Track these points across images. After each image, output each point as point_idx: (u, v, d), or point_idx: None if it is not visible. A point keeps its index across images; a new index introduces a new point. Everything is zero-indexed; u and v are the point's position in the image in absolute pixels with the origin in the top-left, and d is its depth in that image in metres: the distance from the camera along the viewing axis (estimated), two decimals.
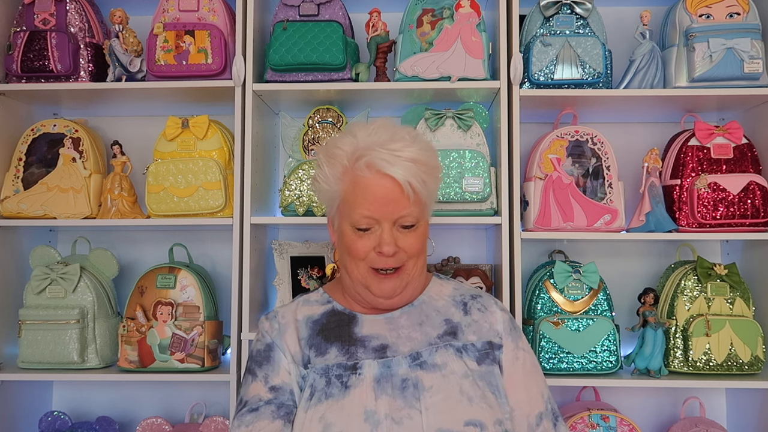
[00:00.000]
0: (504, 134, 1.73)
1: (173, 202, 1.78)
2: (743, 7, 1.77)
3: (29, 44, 1.80)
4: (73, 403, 2.03)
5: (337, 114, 1.84)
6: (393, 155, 1.06)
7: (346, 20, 1.82)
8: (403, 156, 1.06)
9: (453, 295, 1.21)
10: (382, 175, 1.06)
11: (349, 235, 1.10)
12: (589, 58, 1.75)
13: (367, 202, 1.06)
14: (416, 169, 1.06)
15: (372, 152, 1.06)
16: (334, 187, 1.11)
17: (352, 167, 1.08)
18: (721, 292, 1.75)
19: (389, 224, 1.07)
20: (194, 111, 1.90)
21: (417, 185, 1.06)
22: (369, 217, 1.07)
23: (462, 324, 1.16)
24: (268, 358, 1.13)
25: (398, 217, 1.07)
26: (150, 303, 1.78)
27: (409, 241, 1.09)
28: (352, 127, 1.14)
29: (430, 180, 1.10)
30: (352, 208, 1.08)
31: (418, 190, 1.07)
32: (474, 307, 1.19)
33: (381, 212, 1.06)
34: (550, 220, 1.73)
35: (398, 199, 1.06)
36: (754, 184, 1.72)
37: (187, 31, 1.78)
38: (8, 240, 1.88)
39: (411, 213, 1.08)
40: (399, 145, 1.07)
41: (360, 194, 1.07)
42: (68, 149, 1.86)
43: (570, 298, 1.76)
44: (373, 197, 1.06)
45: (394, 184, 1.06)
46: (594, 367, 1.71)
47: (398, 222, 1.08)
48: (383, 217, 1.07)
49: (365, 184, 1.07)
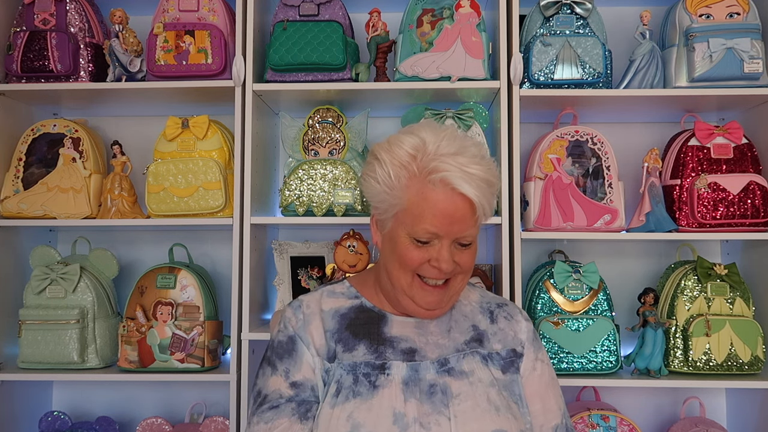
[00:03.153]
0: (504, 134, 1.73)
1: (173, 202, 1.78)
2: (743, 7, 1.77)
3: (29, 44, 1.80)
4: (73, 403, 2.03)
5: (337, 114, 1.84)
6: (466, 173, 1.02)
7: (346, 20, 1.82)
8: (476, 174, 1.03)
9: (480, 302, 1.21)
10: (456, 193, 1.03)
11: (404, 243, 1.07)
12: (589, 58, 1.75)
13: (434, 218, 1.03)
14: (486, 189, 1.04)
15: (445, 165, 1.03)
16: (397, 192, 1.06)
17: (422, 177, 1.04)
18: (721, 292, 1.75)
19: (449, 241, 1.06)
20: (194, 111, 1.90)
21: (487, 206, 1.05)
22: (433, 233, 1.04)
23: (488, 332, 1.16)
24: (290, 352, 1.11)
25: (461, 236, 1.06)
26: (150, 303, 1.78)
27: (464, 258, 1.08)
28: (417, 130, 1.10)
29: (493, 200, 1.08)
30: (417, 221, 1.05)
31: (487, 212, 1.06)
32: (500, 316, 1.19)
33: (446, 230, 1.04)
34: (550, 220, 1.73)
35: (466, 218, 1.04)
36: (754, 184, 1.72)
37: (187, 31, 1.78)
38: (8, 240, 1.88)
39: (473, 233, 1.07)
40: (468, 161, 1.04)
41: (428, 208, 1.04)
42: (68, 149, 1.86)
43: (570, 298, 1.76)
44: (442, 214, 1.03)
45: (465, 203, 1.03)
46: (594, 367, 1.71)
47: (458, 240, 1.07)
48: (446, 235, 1.05)
49: (435, 198, 1.03)
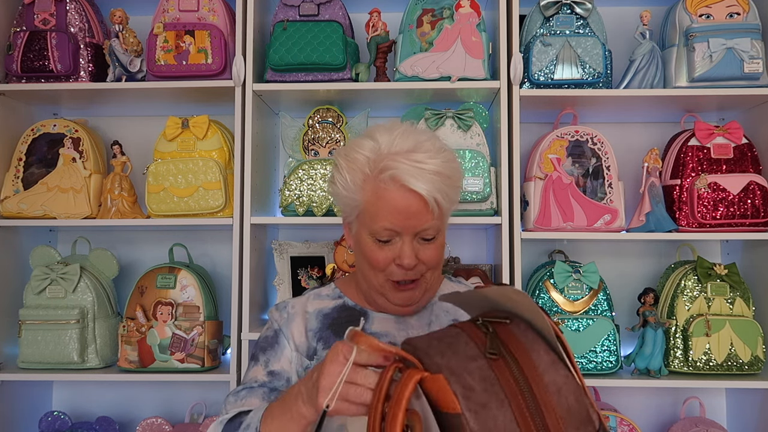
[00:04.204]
0: (504, 134, 1.73)
1: (173, 202, 1.78)
2: (743, 7, 1.77)
3: (29, 44, 1.80)
4: (73, 403, 2.03)
5: (337, 114, 1.84)
6: (417, 168, 1.02)
7: (346, 20, 1.82)
8: (428, 169, 1.03)
9: None
10: (406, 188, 1.02)
11: (368, 244, 1.08)
12: (589, 58, 1.75)
13: (390, 215, 1.04)
14: (441, 183, 1.04)
15: (395, 163, 1.03)
16: (354, 195, 1.08)
17: (374, 177, 1.05)
18: (721, 292, 1.75)
19: (410, 237, 1.06)
20: (194, 111, 1.91)
21: (441, 199, 1.04)
22: (390, 229, 1.05)
23: None
24: (273, 345, 1.15)
25: (420, 230, 1.05)
26: (150, 303, 1.78)
27: (429, 253, 1.08)
28: (374, 132, 1.10)
29: (452, 192, 1.08)
30: (374, 220, 1.06)
31: (442, 205, 1.05)
32: None
33: (403, 225, 1.04)
34: (550, 220, 1.73)
35: (421, 213, 1.04)
36: (754, 184, 1.72)
37: (187, 31, 1.78)
38: (8, 240, 1.88)
39: (433, 226, 1.06)
40: (423, 156, 1.04)
41: (383, 206, 1.04)
42: (68, 149, 1.86)
43: (570, 298, 1.76)
44: (396, 211, 1.03)
45: (419, 198, 1.03)
46: (594, 367, 1.71)
47: (419, 235, 1.06)
48: (405, 231, 1.04)
49: (389, 196, 1.03)
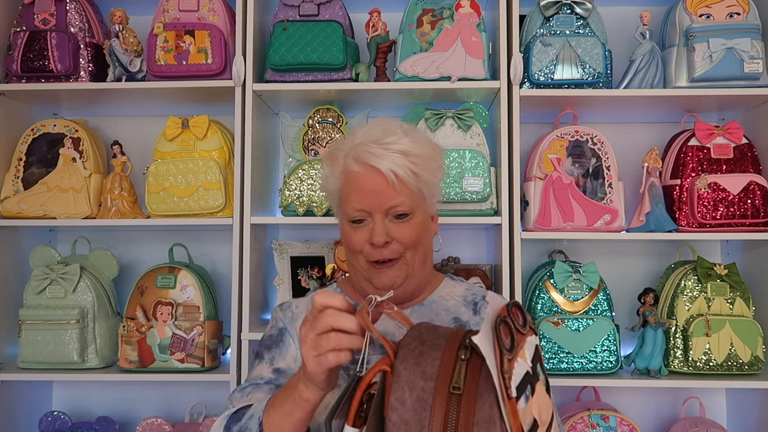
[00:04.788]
0: (504, 134, 1.73)
1: (173, 202, 1.78)
2: (743, 7, 1.77)
3: (29, 44, 1.80)
4: (73, 403, 2.03)
5: (337, 114, 1.84)
6: (382, 148, 1.08)
7: (346, 20, 1.82)
8: (392, 149, 1.08)
9: (465, 296, 1.21)
10: (369, 167, 1.08)
11: (345, 229, 1.13)
12: (589, 58, 1.75)
13: (357, 194, 1.09)
14: (404, 160, 1.08)
15: (363, 147, 1.09)
16: (333, 186, 1.14)
17: (344, 165, 1.11)
18: (721, 292, 1.75)
19: (380, 215, 1.08)
20: (194, 111, 1.91)
21: (402, 174, 1.07)
22: (360, 209, 1.09)
23: (471, 323, 1.16)
24: (278, 342, 1.16)
25: (388, 207, 1.08)
26: (150, 303, 1.78)
27: (401, 232, 1.09)
28: (353, 128, 1.17)
29: (422, 171, 1.11)
30: (345, 202, 1.11)
31: (405, 180, 1.08)
32: (484, 307, 1.19)
33: (371, 204, 1.08)
34: (550, 220, 1.73)
35: (385, 190, 1.08)
36: (754, 184, 1.72)
37: (187, 31, 1.78)
38: (8, 240, 1.88)
39: (402, 203, 1.08)
40: (390, 140, 1.09)
41: (351, 188, 1.09)
42: (68, 149, 1.86)
43: (570, 298, 1.76)
44: (362, 189, 1.08)
45: (380, 174, 1.08)
46: (594, 367, 1.71)
47: (390, 212, 1.09)
48: (373, 209, 1.08)
49: (355, 178, 1.09)
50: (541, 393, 0.76)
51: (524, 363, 0.74)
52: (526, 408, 0.71)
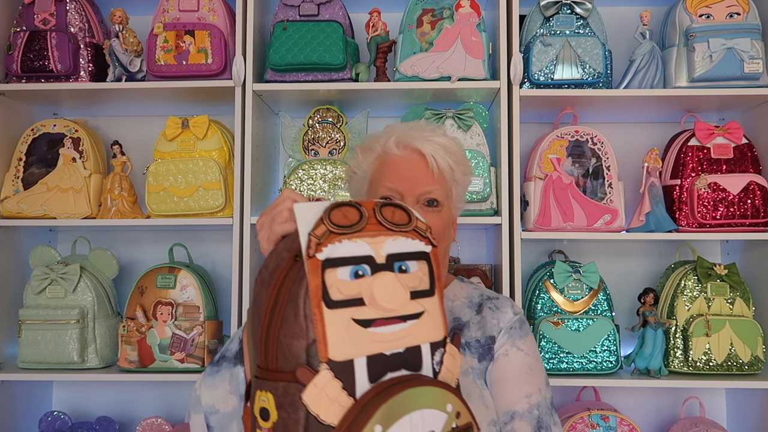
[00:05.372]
0: (504, 134, 1.73)
1: (173, 202, 1.78)
2: (743, 7, 1.77)
3: (29, 44, 1.80)
4: (73, 403, 2.03)
5: (337, 114, 1.84)
6: (422, 136, 1.11)
7: (346, 20, 1.82)
8: (434, 140, 1.11)
9: (471, 297, 1.19)
10: (410, 150, 1.10)
11: None
12: (589, 58, 1.75)
13: (392, 174, 1.10)
14: (444, 153, 1.10)
15: (406, 132, 1.12)
16: (364, 172, 1.15)
17: (383, 150, 1.13)
18: (721, 292, 1.75)
19: (412, 199, 1.09)
20: (194, 111, 1.90)
21: (442, 163, 1.10)
22: (393, 188, 1.09)
23: (471, 322, 1.15)
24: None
25: (422, 192, 1.09)
26: (150, 303, 1.78)
27: (431, 219, 1.07)
28: (389, 126, 1.19)
29: (457, 168, 1.13)
30: (377, 183, 1.11)
31: (443, 169, 1.10)
32: (486, 307, 1.17)
33: (405, 186, 1.08)
34: (550, 220, 1.73)
35: (423, 174, 1.09)
36: (754, 184, 1.72)
37: (187, 31, 1.78)
38: (8, 240, 1.88)
39: (435, 189, 1.09)
40: (431, 133, 1.12)
41: (387, 169, 1.11)
42: (68, 149, 1.86)
43: (570, 298, 1.76)
44: (399, 171, 1.09)
45: (420, 158, 1.09)
46: (594, 367, 1.71)
47: (422, 198, 1.09)
48: (407, 191, 1.08)
49: (392, 160, 1.11)
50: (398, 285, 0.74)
51: (364, 247, 0.73)
52: (352, 282, 0.71)
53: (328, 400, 0.68)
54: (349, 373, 0.69)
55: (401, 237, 0.77)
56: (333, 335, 0.69)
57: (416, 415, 0.68)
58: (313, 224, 0.73)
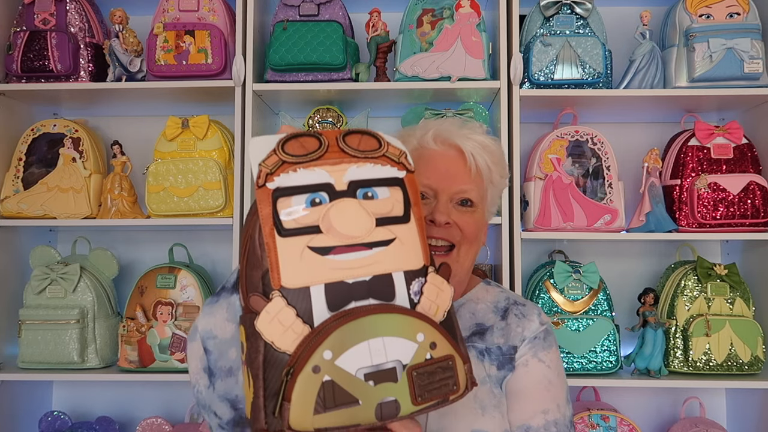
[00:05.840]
0: (504, 134, 1.73)
1: (173, 202, 1.78)
2: (743, 7, 1.77)
3: (29, 44, 1.80)
4: (73, 403, 2.03)
5: (337, 114, 1.84)
6: (462, 133, 1.06)
7: (346, 20, 1.82)
8: (474, 138, 1.06)
9: (496, 301, 1.13)
10: (448, 145, 1.05)
11: None
12: (589, 58, 1.75)
13: (428, 171, 1.04)
14: (482, 151, 1.05)
15: (445, 127, 1.07)
16: None
17: (419, 144, 1.07)
18: (721, 292, 1.75)
19: (446, 197, 1.04)
20: (194, 111, 1.90)
21: (480, 162, 1.05)
22: (427, 185, 1.04)
23: (495, 327, 1.08)
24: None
25: (457, 190, 1.04)
26: (150, 303, 1.78)
27: (464, 219, 1.04)
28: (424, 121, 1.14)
29: (494, 169, 1.08)
30: None
31: (481, 168, 1.05)
32: (512, 313, 1.10)
33: (441, 184, 1.04)
34: (550, 220, 1.73)
35: (460, 172, 1.05)
36: (754, 184, 1.72)
37: (187, 31, 1.78)
38: (8, 240, 1.88)
39: (470, 189, 1.05)
40: (471, 131, 1.07)
41: (422, 164, 1.04)
42: (68, 149, 1.86)
43: (570, 298, 1.76)
44: (435, 167, 1.04)
45: (458, 155, 1.05)
46: (594, 367, 1.71)
47: (456, 197, 1.05)
48: (442, 189, 1.04)
49: (429, 155, 1.05)
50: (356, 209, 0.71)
51: (322, 175, 0.71)
52: (308, 210, 0.70)
53: (282, 328, 0.67)
54: (305, 301, 0.68)
55: (368, 163, 0.73)
56: (285, 263, 0.68)
57: (376, 342, 0.66)
58: (265, 155, 0.72)
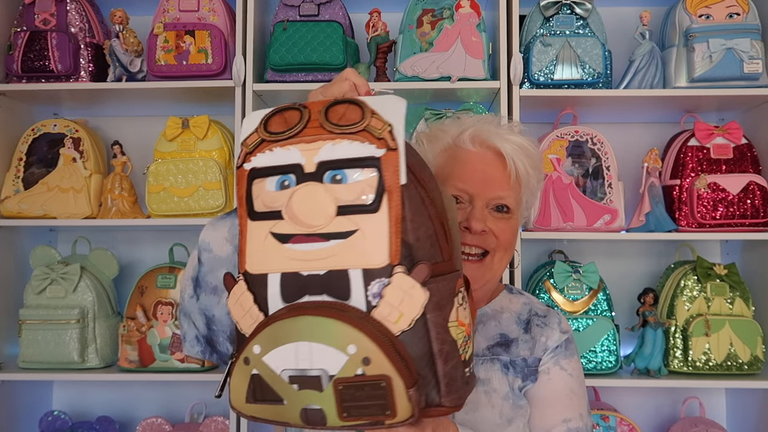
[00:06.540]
0: None
1: (173, 202, 1.78)
2: (743, 7, 1.77)
3: (30, 44, 1.80)
4: (73, 402, 2.03)
5: None
6: (500, 134, 0.99)
7: (346, 20, 1.82)
8: (512, 140, 0.99)
9: (520, 312, 1.09)
10: (488, 147, 0.99)
11: None
12: (588, 58, 1.75)
13: (464, 173, 0.98)
14: (522, 155, 0.99)
15: (483, 126, 1.00)
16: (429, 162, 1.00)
17: (454, 143, 1.01)
18: (721, 292, 1.75)
19: (482, 203, 0.98)
20: (194, 111, 1.90)
21: (520, 166, 0.98)
22: (463, 189, 0.98)
23: (519, 339, 1.05)
24: None
25: (494, 196, 0.98)
26: (150, 303, 1.78)
27: (500, 226, 0.98)
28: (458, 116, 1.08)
29: (533, 174, 1.02)
30: (446, 181, 0.98)
31: (521, 173, 0.99)
32: (534, 324, 1.07)
33: (476, 188, 0.97)
34: (550, 220, 1.73)
35: (498, 177, 0.98)
36: (753, 184, 1.72)
37: (187, 31, 1.78)
38: (8, 240, 1.88)
39: (508, 195, 0.99)
40: (506, 131, 1.01)
41: (458, 166, 0.98)
42: (68, 149, 1.86)
43: (570, 298, 1.76)
44: (472, 170, 0.98)
45: (497, 159, 0.98)
46: (594, 367, 1.71)
47: (492, 202, 0.99)
48: (477, 194, 0.98)
49: (465, 156, 0.99)
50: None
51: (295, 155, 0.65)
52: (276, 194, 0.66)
53: (242, 311, 0.66)
54: (262, 288, 0.65)
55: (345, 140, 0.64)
56: (251, 247, 0.67)
57: (303, 346, 0.61)
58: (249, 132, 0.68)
